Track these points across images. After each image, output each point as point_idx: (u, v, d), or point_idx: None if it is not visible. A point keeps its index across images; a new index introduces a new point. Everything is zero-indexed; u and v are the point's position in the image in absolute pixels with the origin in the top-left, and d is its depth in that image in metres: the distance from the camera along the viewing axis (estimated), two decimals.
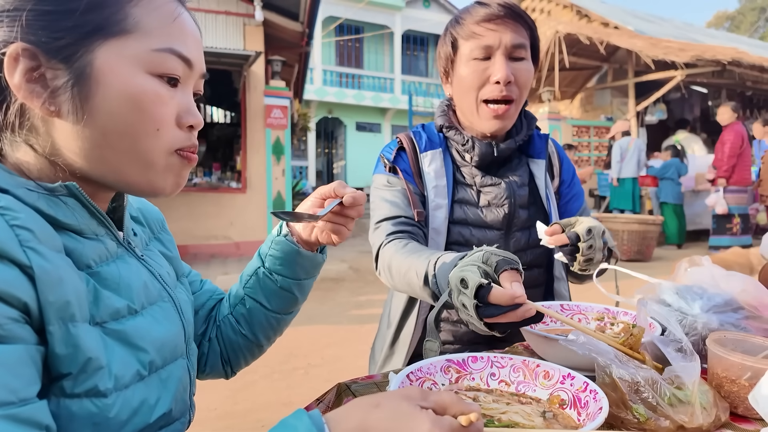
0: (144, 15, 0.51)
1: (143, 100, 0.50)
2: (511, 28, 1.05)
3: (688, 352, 0.62)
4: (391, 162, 1.15)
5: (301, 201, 3.90)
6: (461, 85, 1.09)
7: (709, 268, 0.86)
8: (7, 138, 0.50)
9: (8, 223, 0.42)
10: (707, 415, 0.58)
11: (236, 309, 0.77)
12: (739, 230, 6.27)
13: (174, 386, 0.56)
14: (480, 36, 1.05)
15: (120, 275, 0.53)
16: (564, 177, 1.23)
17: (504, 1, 1.06)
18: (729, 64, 7.53)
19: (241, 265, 6.06)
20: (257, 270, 0.76)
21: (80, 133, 0.49)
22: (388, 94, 18.86)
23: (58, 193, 0.49)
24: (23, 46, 0.47)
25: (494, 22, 1.04)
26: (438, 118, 1.19)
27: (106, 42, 0.49)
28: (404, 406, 0.41)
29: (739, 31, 30.55)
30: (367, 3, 17.11)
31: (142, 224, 0.68)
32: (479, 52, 1.05)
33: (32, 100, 0.48)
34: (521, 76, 1.06)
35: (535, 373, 0.68)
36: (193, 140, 0.56)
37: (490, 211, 1.12)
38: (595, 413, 0.55)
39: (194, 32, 0.56)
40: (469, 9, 1.09)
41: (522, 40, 1.06)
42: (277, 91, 6.92)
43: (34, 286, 0.42)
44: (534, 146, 1.20)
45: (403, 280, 0.95)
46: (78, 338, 0.45)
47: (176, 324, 0.60)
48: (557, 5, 9.85)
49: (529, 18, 1.08)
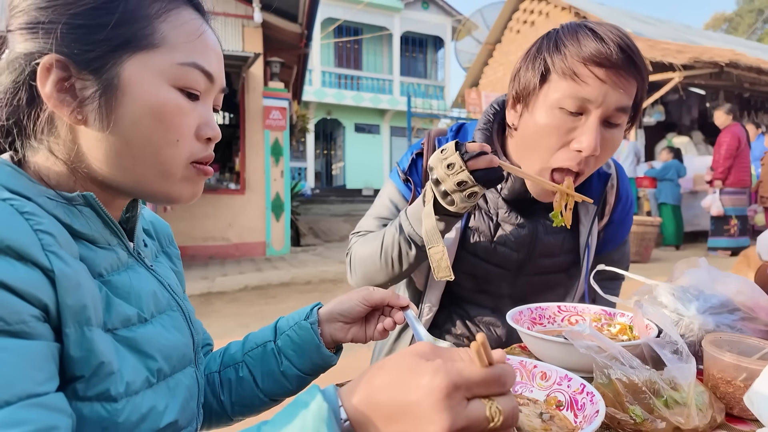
0: (170, 30, 0.53)
1: (166, 111, 0.52)
2: (621, 84, 0.82)
3: (683, 354, 0.63)
4: (406, 172, 1.05)
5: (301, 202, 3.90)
6: (534, 131, 0.88)
7: (705, 270, 0.87)
8: (31, 145, 0.52)
9: (32, 227, 0.44)
10: (703, 416, 0.59)
11: (226, 372, 0.74)
12: (737, 232, 6.29)
13: (182, 394, 0.57)
14: (581, 82, 0.82)
15: (131, 284, 0.54)
16: (615, 217, 1.08)
17: (623, 40, 0.82)
18: (727, 66, 7.56)
19: (240, 266, 6.07)
20: (266, 343, 0.73)
21: (104, 141, 0.51)
22: (387, 96, 18.88)
23: (75, 202, 0.51)
24: (56, 58, 0.49)
25: (606, 69, 0.81)
26: (477, 132, 1.01)
27: (134, 55, 0.51)
28: (407, 361, 0.39)
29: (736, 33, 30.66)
30: (366, 4, 17.14)
31: (152, 237, 0.70)
32: (572, 104, 0.83)
33: (61, 109, 0.50)
34: (609, 147, 0.87)
35: (532, 374, 0.68)
36: (210, 152, 0.58)
37: (504, 249, 1.01)
38: (591, 416, 0.55)
39: (216, 48, 0.58)
40: (578, 35, 0.84)
41: (628, 101, 0.85)
42: (275, 93, 6.93)
43: (54, 289, 0.43)
44: (589, 187, 1.03)
45: (373, 254, 0.97)
46: (92, 342, 0.46)
47: (185, 333, 0.61)
48: (555, 7, 9.87)
49: (646, 69, 0.86)
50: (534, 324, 0.92)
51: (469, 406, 0.37)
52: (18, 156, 0.53)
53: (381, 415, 0.38)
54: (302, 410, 0.39)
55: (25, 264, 0.42)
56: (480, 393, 0.38)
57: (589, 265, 1.06)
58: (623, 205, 1.09)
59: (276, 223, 7.02)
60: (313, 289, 5.03)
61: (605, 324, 0.91)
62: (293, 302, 4.48)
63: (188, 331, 0.62)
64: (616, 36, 0.83)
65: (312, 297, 4.68)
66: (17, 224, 0.42)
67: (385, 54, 19.44)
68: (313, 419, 0.38)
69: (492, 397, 0.38)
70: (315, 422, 0.37)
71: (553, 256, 1.04)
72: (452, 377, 0.37)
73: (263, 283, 5.19)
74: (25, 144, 0.52)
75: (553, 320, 0.94)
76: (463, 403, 0.37)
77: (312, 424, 0.37)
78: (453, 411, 0.36)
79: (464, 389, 0.37)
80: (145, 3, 0.52)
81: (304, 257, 6.84)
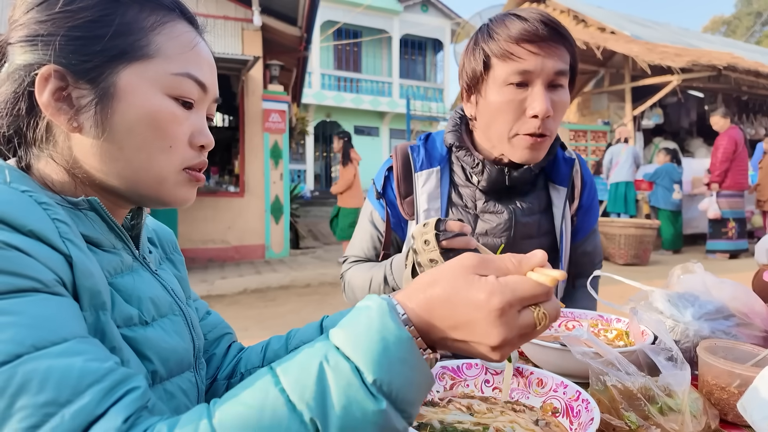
0: (165, 42, 0.55)
1: (160, 118, 0.54)
2: (554, 52, 0.92)
3: (678, 360, 0.63)
4: (380, 189, 1.14)
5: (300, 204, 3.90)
6: (491, 111, 0.97)
7: (701, 276, 0.87)
8: (33, 153, 0.54)
9: (50, 216, 0.46)
10: (697, 423, 0.59)
11: None
12: (735, 234, 6.30)
13: (179, 399, 0.58)
14: (519, 59, 0.92)
15: (134, 286, 0.56)
16: (583, 202, 1.16)
17: (544, 17, 0.93)
18: (725, 69, 7.58)
19: (239, 269, 6.06)
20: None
21: (99, 148, 0.53)
22: (386, 98, 18.89)
23: (81, 207, 0.53)
24: (54, 68, 0.51)
25: (536, 44, 0.91)
26: (448, 134, 1.09)
27: (129, 65, 0.53)
28: (461, 277, 0.43)
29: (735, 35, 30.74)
30: (366, 7, 17.17)
31: (155, 245, 0.71)
32: (516, 78, 0.92)
33: (58, 117, 0.52)
34: (559, 107, 0.96)
35: (529, 380, 0.69)
36: (203, 159, 0.60)
37: (486, 240, 1.06)
38: (586, 423, 0.56)
39: (209, 59, 0.60)
40: (505, 22, 0.95)
41: (564, 65, 0.94)
42: (275, 96, 6.94)
43: (72, 272, 0.46)
44: (558, 171, 1.11)
45: (363, 290, 1.08)
46: (106, 325, 0.48)
47: (185, 338, 0.62)
48: (554, 10, 9.90)
49: (571, 37, 0.96)
50: None
51: (521, 315, 0.42)
52: (22, 164, 0.55)
53: (440, 325, 0.43)
54: (365, 311, 0.42)
55: (47, 246, 0.44)
56: (529, 304, 0.43)
57: (565, 249, 1.11)
58: (589, 190, 1.17)
59: (275, 226, 7.02)
60: (313, 292, 5.03)
61: (602, 329, 0.92)
62: (292, 305, 4.48)
63: (189, 336, 0.63)
64: (537, 14, 0.93)
65: (311, 300, 4.69)
66: (36, 212, 0.45)
67: (384, 57, 19.47)
68: (378, 311, 0.41)
69: (539, 304, 0.43)
70: (380, 316, 0.41)
71: (532, 237, 1.09)
72: (506, 297, 0.41)
73: (262, 285, 5.19)
74: (28, 152, 0.54)
75: (550, 325, 0.94)
76: (516, 316, 0.42)
77: (378, 318, 0.41)
78: (508, 326, 0.41)
79: (517, 305, 0.42)
80: (141, 16, 0.54)
81: (304, 260, 6.84)
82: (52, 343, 0.40)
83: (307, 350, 0.42)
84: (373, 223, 1.16)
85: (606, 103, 9.59)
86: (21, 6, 0.53)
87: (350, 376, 0.39)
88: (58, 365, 0.39)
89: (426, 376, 0.42)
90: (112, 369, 0.41)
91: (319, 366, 0.39)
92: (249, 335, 3.41)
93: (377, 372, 0.39)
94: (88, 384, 0.39)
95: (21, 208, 0.44)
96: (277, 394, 0.39)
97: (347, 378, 0.39)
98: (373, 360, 0.39)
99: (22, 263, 0.41)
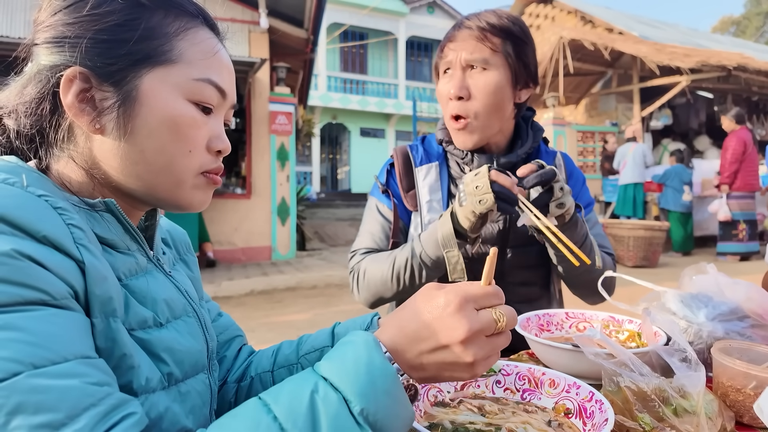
0: (188, 48, 0.56)
1: (181, 123, 0.55)
2: (470, 45, 1.04)
3: (692, 362, 0.62)
4: (384, 184, 1.19)
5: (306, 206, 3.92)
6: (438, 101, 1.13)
7: (714, 276, 0.86)
8: (53, 153, 0.55)
9: (65, 221, 0.46)
10: (712, 425, 0.58)
11: (280, 372, 0.74)
12: (746, 236, 6.23)
13: (193, 400, 0.58)
14: (445, 55, 1.08)
15: (148, 288, 0.56)
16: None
17: (484, 19, 1.05)
18: (734, 70, 7.52)
19: (246, 271, 6.08)
20: (324, 348, 0.73)
21: (120, 150, 0.54)
22: (392, 100, 18.92)
23: (97, 208, 0.53)
24: (79, 70, 0.52)
25: (456, 42, 1.05)
26: (438, 131, 1.19)
27: (153, 69, 0.54)
28: (423, 294, 0.50)
29: (744, 35, 30.49)
30: (372, 10, 17.21)
31: (169, 246, 0.72)
32: (443, 69, 1.08)
33: (81, 118, 0.52)
34: (476, 86, 1.04)
35: (540, 381, 0.68)
36: (219, 164, 0.60)
37: (486, 226, 1.10)
38: (600, 424, 0.55)
39: (229, 66, 0.61)
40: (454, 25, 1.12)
41: (480, 54, 1.04)
42: (281, 98, 6.97)
43: (84, 279, 0.46)
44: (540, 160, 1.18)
45: (384, 275, 1.08)
46: (117, 333, 0.48)
47: (199, 339, 0.62)
48: (561, 11, 9.87)
49: (505, 30, 1.05)
50: (542, 330, 0.92)
51: (480, 314, 0.48)
52: (42, 165, 0.55)
53: (412, 340, 0.48)
54: (351, 345, 0.46)
55: (60, 253, 0.45)
56: (485, 305, 0.49)
57: None
58: (575, 180, 1.22)
59: (282, 228, 7.04)
60: (319, 294, 5.04)
61: (613, 331, 0.91)
62: (299, 307, 4.49)
63: (203, 338, 0.63)
64: (475, 17, 1.07)
65: (318, 302, 4.69)
66: (52, 218, 0.45)
67: (390, 58, 19.49)
68: (365, 346, 0.46)
69: (494, 306, 0.50)
70: (366, 349, 0.46)
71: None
72: (461, 294, 0.48)
73: (269, 287, 5.20)
74: (48, 152, 0.55)
75: (561, 327, 0.94)
76: (474, 312, 0.48)
77: (364, 351, 0.45)
78: (468, 318, 0.47)
79: (472, 302, 0.48)
80: (165, 22, 0.55)
81: (310, 262, 6.85)
82: (52, 363, 0.39)
83: (296, 380, 0.45)
84: (381, 213, 1.19)
85: (614, 104, 9.54)
86: (47, 8, 0.54)
87: (339, 405, 0.42)
88: (56, 386, 0.39)
89: (407, 410, 0.46)
90: (108, 393, 0.41)
91: (311, 395, 0.42)
92: (255, 336, 3.42)
93: (364, 402, 0.42)
94: (85, 407, 0.39)
95: (36, 214, 0.44)
96: (270, 422, 0.41)
97: (336, 407, 0.42)
98: (360, 391, 0.43)
99: (33, 274, 0.41)
